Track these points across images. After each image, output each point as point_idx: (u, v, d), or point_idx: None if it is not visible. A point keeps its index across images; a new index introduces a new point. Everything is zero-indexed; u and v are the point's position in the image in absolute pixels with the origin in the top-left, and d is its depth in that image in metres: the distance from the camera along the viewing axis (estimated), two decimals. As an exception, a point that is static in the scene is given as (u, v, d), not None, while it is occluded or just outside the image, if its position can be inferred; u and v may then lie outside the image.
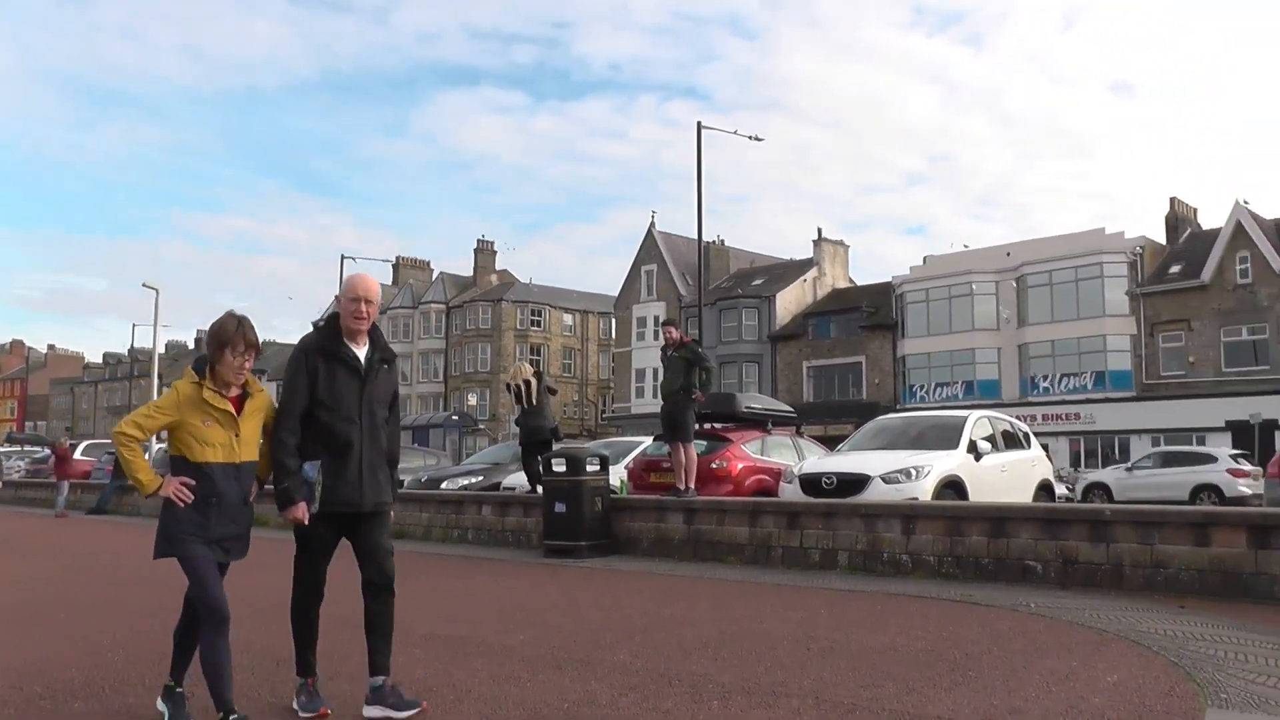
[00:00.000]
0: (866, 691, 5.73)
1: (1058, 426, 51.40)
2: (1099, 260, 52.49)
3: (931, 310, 57.77)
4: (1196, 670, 6.18)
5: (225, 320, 5.15)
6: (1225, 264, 48.56)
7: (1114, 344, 51.70)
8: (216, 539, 5.11)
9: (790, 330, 63.72)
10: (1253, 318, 47.62)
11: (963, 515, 11.07)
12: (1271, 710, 5.34)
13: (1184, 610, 8.56)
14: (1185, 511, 10.13)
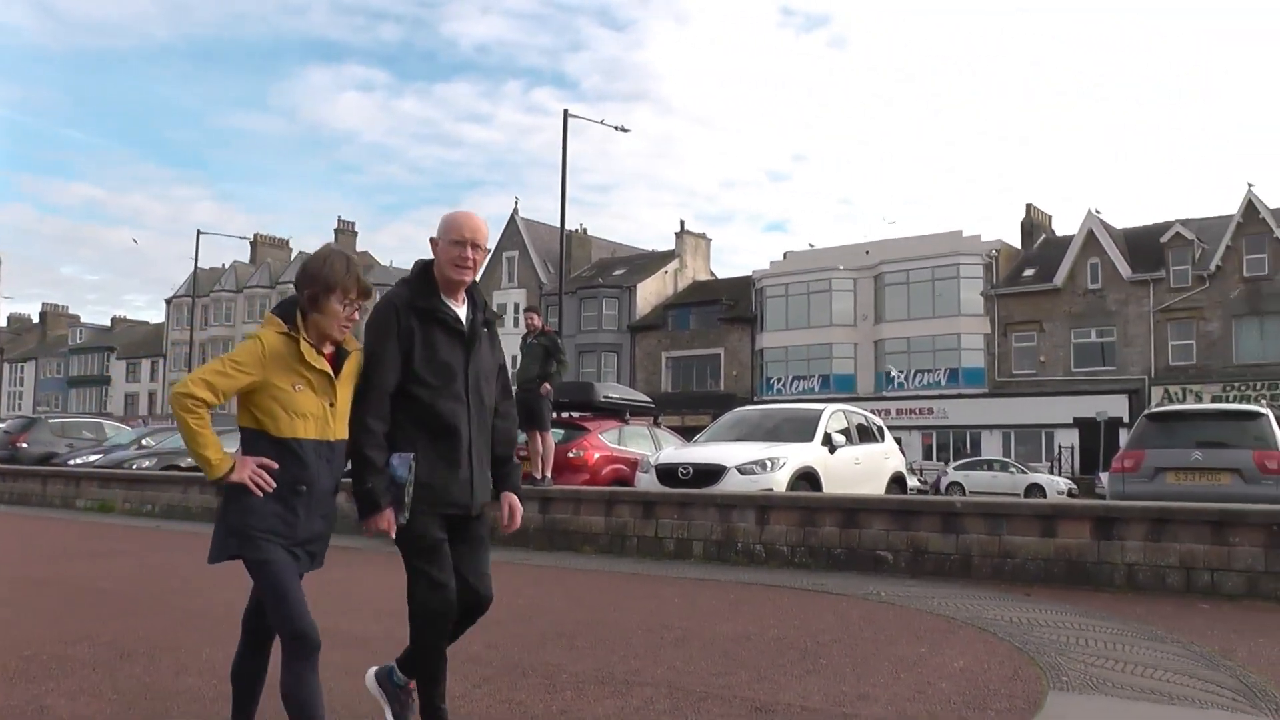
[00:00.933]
0: (719, 679, 5.80)
1: (912, 421, 52.72)
2: (956, 261, 54.02)
3: (790, 305, 58.64)
4: (1040, 655, 6.41)
5: (331, 258, 4.11)
6: (1077, 269, 50.59)
7: (968, 342, 53.34)
8: (302, 541, 4.04)
9: (650, 321, 64.11)
10: (1101, 321, 49.77)
11: (816, 506, 11.26)
12: (1109, 691, 5.57)
13: (1030, 598, 8.87)
14: (1034, 504, 10.50)
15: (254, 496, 3.86)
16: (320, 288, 4.01)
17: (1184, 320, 48.19)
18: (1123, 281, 49.41)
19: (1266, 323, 46.38)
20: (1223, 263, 47.15)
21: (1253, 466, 11.82)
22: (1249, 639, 7.15)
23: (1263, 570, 8.93)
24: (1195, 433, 12.56)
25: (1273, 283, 46.06)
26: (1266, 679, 5.91)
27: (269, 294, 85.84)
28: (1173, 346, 48.25)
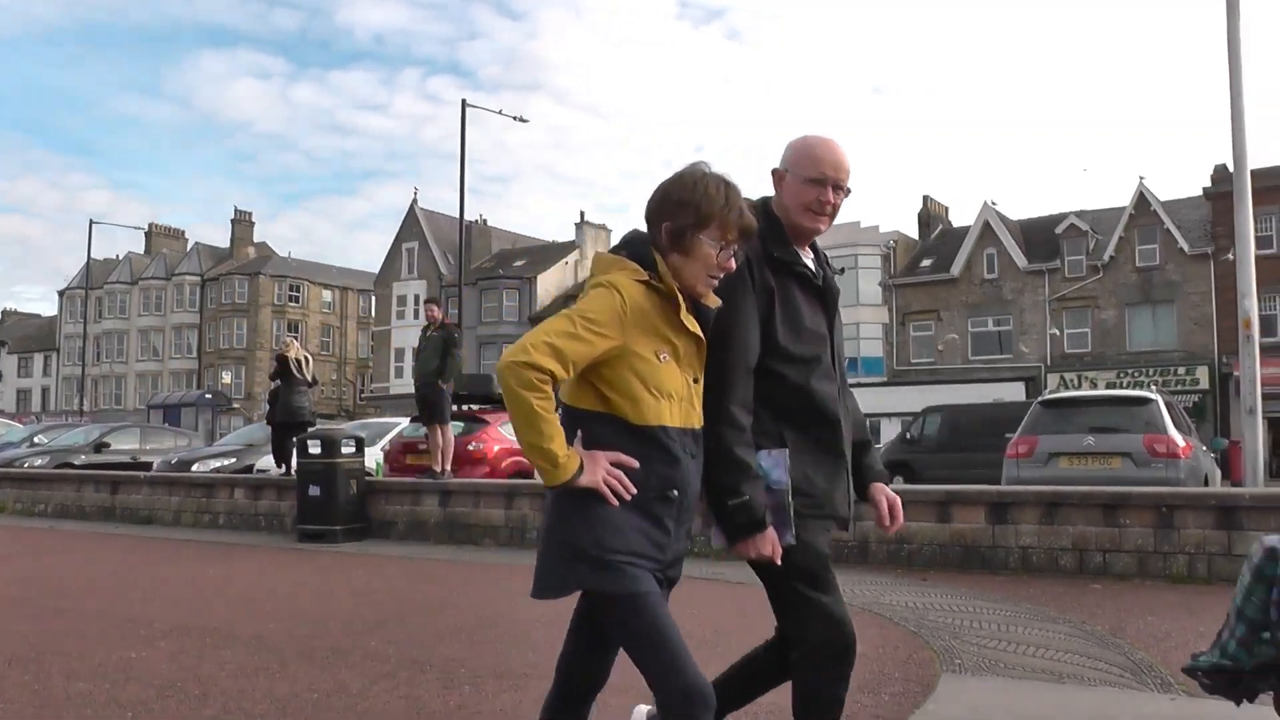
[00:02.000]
0: (619, 670, 5.76)
1: (816, 410, 53.11)
2: (854, 252, 54.49)
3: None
4: (934, 638, 6.50)
5: (706, 181, 2.96)
6: (973, 259, 51.46)
7: (866, 332, 53.88)
8: (670, 563, 2.96)
9: (551, 312, 63.73)
10: (998, 310, 50.72)
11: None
12: (1001, 672, 5.68)
13: (926, 582, 9.00)
14: (929, 490, 10.62)
15: (610, 506, 2.78)
16: (690, 220, 2.89)
17: (1079, 309, 49.19)
18: (1019, 271, 50.31)
19: (1159, 311, 47.47)
20: (1116, 253, 48.15)
21: (1143, 450, 12.10)
22: (1138, 617, 7.35)
23: (1152, 550, 9.20)
24: (1087, 418, 12.82)
25: (1164, 272, 47.13)
26: (1153, 656, 6.07)
27: (164, 286, 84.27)
28: (1068, 334, 49.23)
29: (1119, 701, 5.19)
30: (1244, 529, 8.95)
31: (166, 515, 16.54)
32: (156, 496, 16.79)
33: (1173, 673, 5.66)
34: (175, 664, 6.10)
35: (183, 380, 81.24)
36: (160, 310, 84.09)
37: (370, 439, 16.83)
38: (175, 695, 5.31)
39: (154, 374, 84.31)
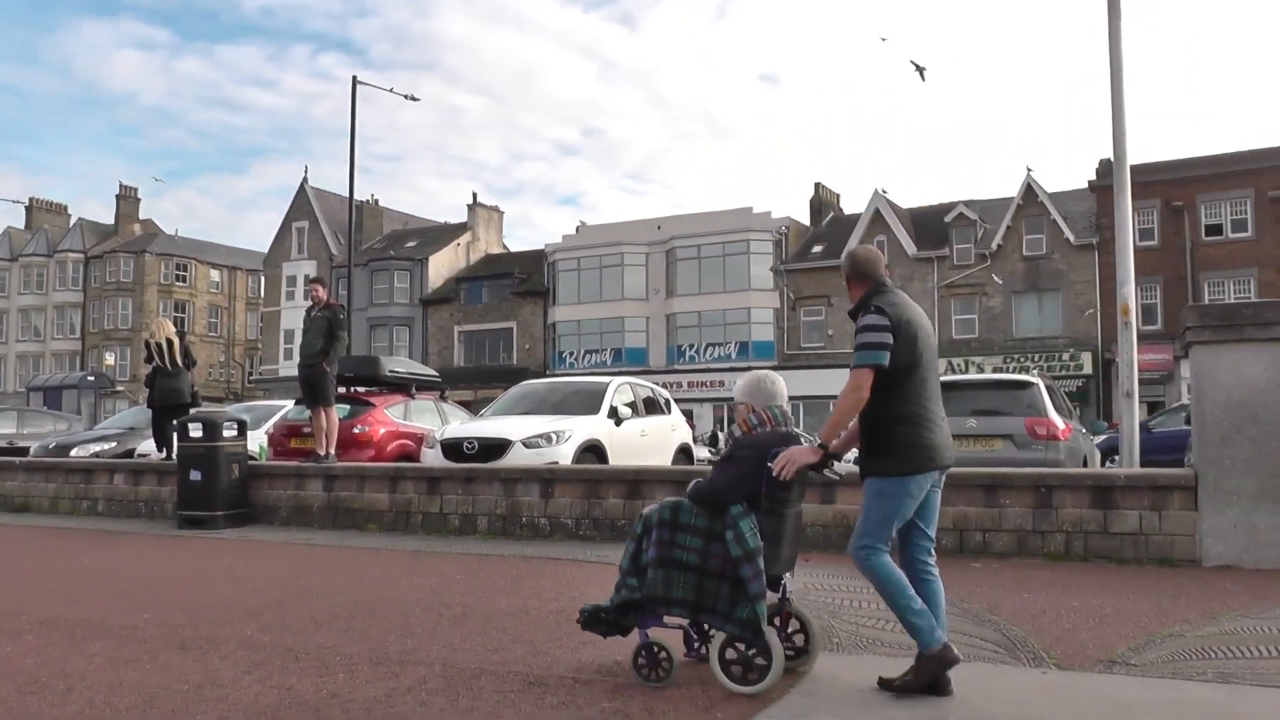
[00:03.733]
0: (495, 655, 5.76)
1: (703, 394, 53.55)
2: (746, 237, 55.00)
3: (583, 279, 58.81)
4: (814, 618, 6.50)
5: None
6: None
7: (758, 316, 54.43)
8: None
9: (442, 294, 63.42)
10: (888, 295, 51.14)
11: (600, 478, 11.30)
12: (877, 651, 5.79)
13: (809, 563, 9.02)
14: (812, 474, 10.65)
15: None
16: None
17: (967, 296, 50.16)
18: (908, 258, 51.12)
19: (1044, 298, 48.69)
20: (1003, 242, 49.23)
21: (1024, 432, 12.30)
22: (1015, 594, 7.49)
23: (1031, 529, 9.39)
24: (971, 401, 12.97)
25: (1050, 261, 48.32)
26: (1027, 631, 6.19)
27: (46, 263, 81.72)
28: (956, 320, 50.19)
29: (992, 676, 5.28)
30: (1119, 508, 9.19)
31: (43, 502, 16.03)
32: (33, 483, 16.28)
33: (1045, 647, 5.79)
34: (41, 658, 5.90)
35: (65, 362, 78.96)
36: (41, 289, 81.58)
37: (255, 422, 16.52)
38: (38, 692, 5.14)
39: (34, 355, 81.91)
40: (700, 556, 5.12)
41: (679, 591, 5.13)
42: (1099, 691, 5.02)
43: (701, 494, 5.29)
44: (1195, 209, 45.78)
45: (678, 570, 5.14)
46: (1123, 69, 13.35)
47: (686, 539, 5.18)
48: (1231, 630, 6.20)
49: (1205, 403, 8.92)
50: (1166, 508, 9.03)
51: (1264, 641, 5.89)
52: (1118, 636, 6.06)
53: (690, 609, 5.15)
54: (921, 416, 4.95)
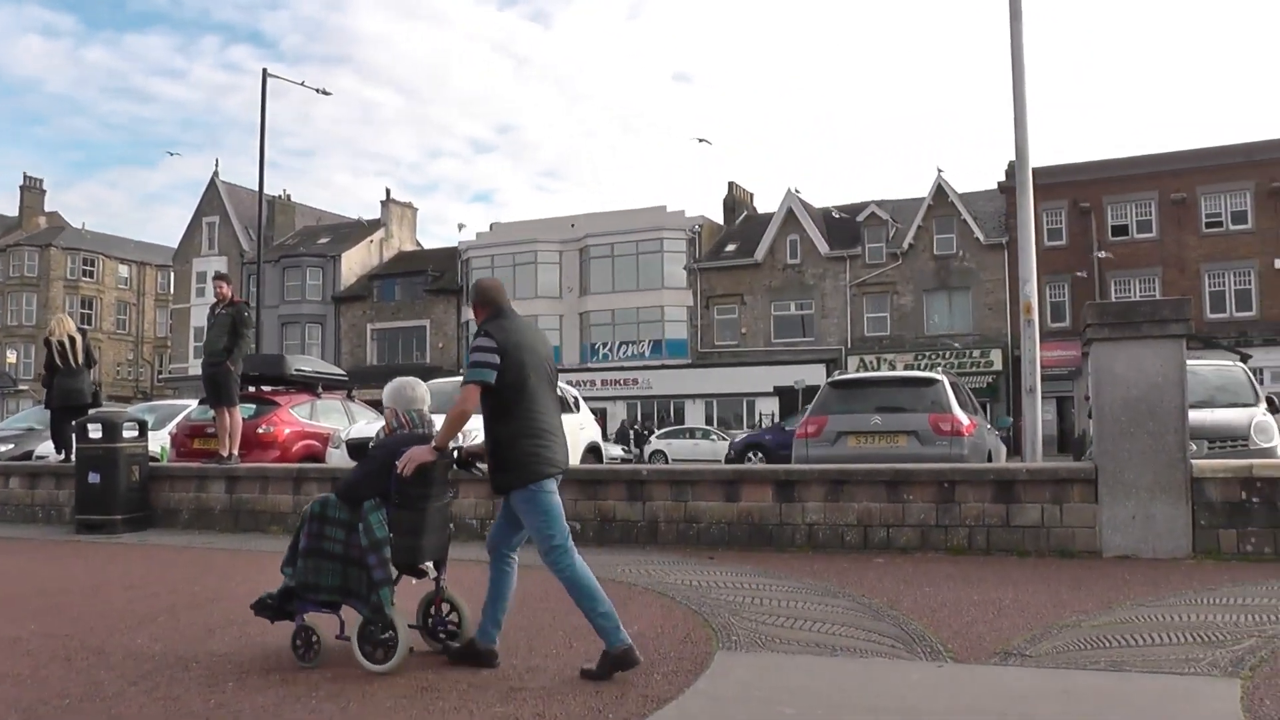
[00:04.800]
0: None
1: (617, 391, 53.58)
2: (660, 236, 55.12)
3: (496, 276, 58.48)
4: (714, 616, 6.53)
5: None
6: (777, 245, 52.64)
7: (671, 314, 54.57)
8: None
9: (355, 291, 62.70)
10: (800, 294, 52.01)
11: (505, 479, 11.18)
12: (775, 647, 5.74)
13: (713, 561, 9.06)
14: (717, 470, 10.71)
15: None
16: None
17: (878, 294, 50.68)
18: (821, 257, 51.58)
19: (954, 297, 49.36)
20: (915, 241, 49.83)
21: (928, 429, 12.39)
22: (916, 588, 7.52)
23: (933, 524, 9.47)
24: (876, 399, 13.07)
25: (960, 260, 49.00)
26: (926, 625, 6.21)
27: (-49, 255, 79.45)
28: (868, 318, 50.69)
29: (888, 670, 5.29)
30: (1021, 501, 9.30)
31: (-66, 508, 15.50)
32: (-74, 488, 15.77)
33: (943, 641, 5.81)
34: (-84, 674, 5.64)
35: (-35, 360, 77.02)
36: (-58, 282, 79.45)
37: (157, 422, 16.19)
38: (-90, 707, 4.95)
39: (-69, 354, 79.75)
40: (344, 547, 5.64)
41: (327, 579, 5.67)
42: (993, 683, 5.06)
43: (341, 489, 5.85)
44: (1102, 210, 46.75)
45: (326, 560, 5.68)
46: (1024, 73, 13.57)
47: (333, 531, 5.69)
48: (1126, 619, 6.28)
49: (1104, 398, 9.07)
50: (1067, 501, 9.16)
51: (1157, 629, 5.97)
52: (1015, 628, 6.11)
53: (338, 594, 5.68)
54: (536, 430, 5.45)
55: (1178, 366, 8.89)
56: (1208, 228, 45.60)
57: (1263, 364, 38.59)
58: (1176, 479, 8.78)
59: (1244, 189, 45.05)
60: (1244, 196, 45.13)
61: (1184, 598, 6.95)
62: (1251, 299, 44.91)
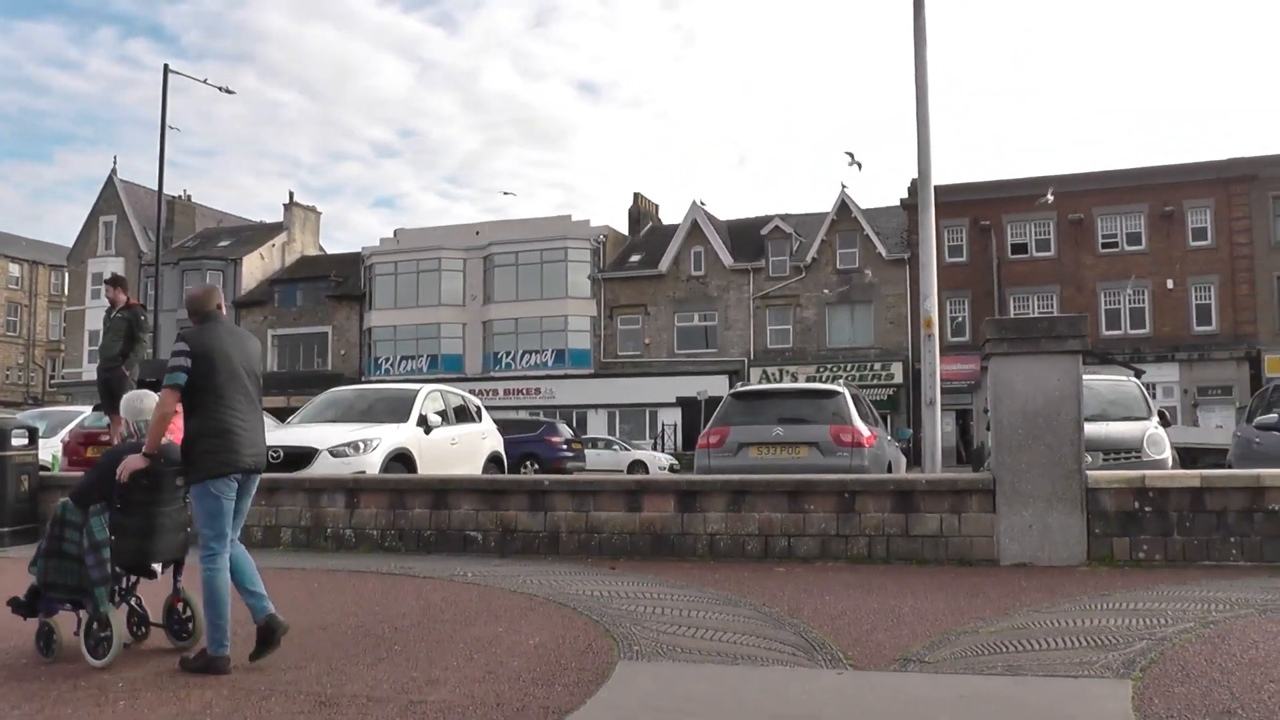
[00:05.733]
0: (288, 674, 5.51)
1: (520, 401, 53.33)
2: (564, 245, 55.15)
3: (400, 283, 58.08)
4: (615, 626, 6.49)
5: None
6: (681, 256, 53.04)
7: (575, 324, 54.60)
8: None
9: (256, 296, 61.67)
10: (704, 306, 52.43)
11: (406, 488, 11.05)
12: (677, 656, 5.71)
13: (614, 571, 9.02)
14: (620, 480, 10.66)
15: None
16: None
17: (782, 307, 51.20)
18: (725, 269, 52.00)
19: (856, 311, 50.04)
20: (818, 255, 50.48)
21: (829, 440, 12.48)
22: (816, 597, 7.55)
23: (834, 534, 9.53)
24: (777, 410, 13.14)
25: (862, 275, 49.76)
26: (826, 634, 6.22)
27: None
28: (771, 330, 51.21)
29: (788, 678, 5.29)
30: (921, 511, 9.39)
31: None
32: None
33: (843, 648, 5.83)
34: None
35: None
36: None
37: (49, 429, 15.79)
38: None
39: None
40: (78, 548, 5.93)
41: (66, 578, 5.96)
42: (893, 690, 5.08)
43: (73, 494, 6.12)
44: (1002, 228, 47.80)
45: (66, 560, 5.97)
46: (928, 94, 13.78)
47: (70, 533, 5.99)
48: (1023, 625, 6.36)
49: (1003, 411, 9.20)
50: (966, 511, 9.27)
51: (1053, 634, 6.06)
52: (914, 635, 6.15)
53: (77, 593, 5.95)
54: (218, 429, 5.75)
55: (1074, 381, 9.06)
56: (1104, 248, 46.94)
57: (1155, 380, 40.00)
58: (1072, 489, 8.94)
59: (1138, 211, 46.46)
60: (1138, 219, 46.56)
61: (1078, 603, 7.07)
62: (1145, 317, 46.23)
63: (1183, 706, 4.62)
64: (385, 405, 14.51)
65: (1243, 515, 8.83)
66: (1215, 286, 45.62)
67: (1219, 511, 8.87)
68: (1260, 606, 6.86)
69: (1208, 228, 45.97)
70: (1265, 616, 6.54)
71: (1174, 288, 45.70)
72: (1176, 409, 41.34)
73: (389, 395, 15.23)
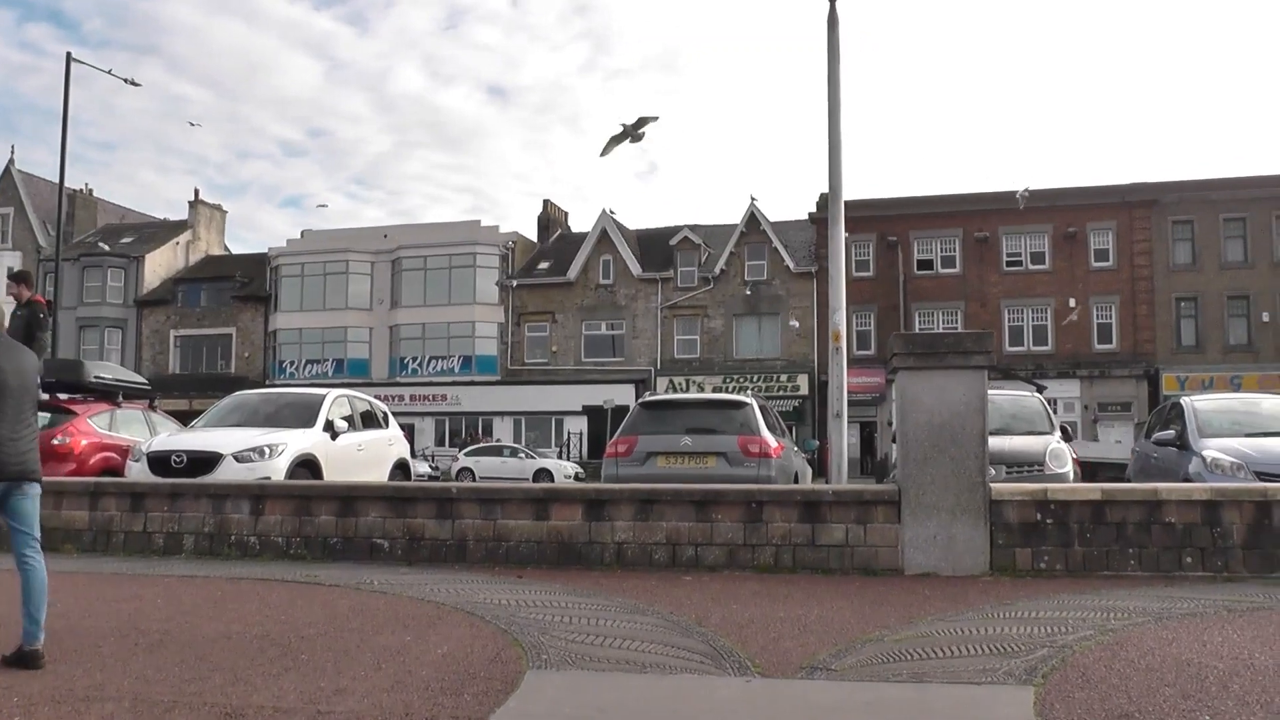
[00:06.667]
0: (191, 685, 5.40)
1: (426, 407, 53.13)
2: (473, 250, 54.99)
3: (306, 285, 57.41)
4: (524, 635, 6.47)
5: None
6: (590, 265, 53.25)
7: (482, 330, 54.46)
8: None
9: (159, 295, 60.37)
10: (611, 314, 52.63)
11: (312, 495, 10.91)
12: (585, 665, 5.71)
13: (522, 580, 9.00)
14: (528, 489, 10.64)
15: None
16: None
17: (689, 317, 51.57)
18: (633, 278, 52.23)
19: (763, 322, 50.58)
20: (726, 266, 50.93)
21: (737, 450, 12.58)
22: (724, 605, 7.60)
23: (741, 543, 9.59)
24: (686, 420, 13.20)
25: (770, 286, 50.36)
26: (734, 642, 6.27)
27: None
28: (678, 340, 51.56)
29: (696, 686, 5.32)
30: (827, 521, 9.50)
31: None
32: None
33: (751, 656, 5.88)
34: None
35: None
36: None
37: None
38: None
39: None
40: None
41: None
42: (798, 697, 5.13)
43: None
44: (909, 244, 48.67)
45: None
46: (840, 109, 13.97)
47: None
48: (927, 633, 6.47)
49: (909, 424, 9.35)
50: (871, 521, 9.39)
51: (956, 642, 6.17)
52: (820, 643, 6.22)
53: None
54: None
55: (979, 396, 9.23)
56: (1008, 266, 47.99)
57: (1057, 395, 40.95)
58: (976, 501, 9.11)
59: (1043, 232, 47.62)
60: (1042, 239, 47.73)
61: (981, 612, 7.22)
62: (1047, 335, 47.30)
63: (1083, 711, 4.74)
64: (291, 410, 14.33)
65: (1140, 527, 9.09)
66: (1116, 306, 46.92)
67: (1118, 523, 9.12)
68: (1156, 615, 7.07)
69: (1110, 249, 47.30)
70: (1161, 624, 6.74)
71: (1076, 307, 46.77)
72: (1077, 424, 42.43)
73: (295, 400, 15.02)
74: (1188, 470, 12.27)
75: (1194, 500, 9.17)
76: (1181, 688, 5.12)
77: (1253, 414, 13.48)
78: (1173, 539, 9.05)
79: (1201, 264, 46.58)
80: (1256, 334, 45.91)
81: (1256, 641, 6.19)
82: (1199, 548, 9.03)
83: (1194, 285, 46.52)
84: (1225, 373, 44.81)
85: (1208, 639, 6.27)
